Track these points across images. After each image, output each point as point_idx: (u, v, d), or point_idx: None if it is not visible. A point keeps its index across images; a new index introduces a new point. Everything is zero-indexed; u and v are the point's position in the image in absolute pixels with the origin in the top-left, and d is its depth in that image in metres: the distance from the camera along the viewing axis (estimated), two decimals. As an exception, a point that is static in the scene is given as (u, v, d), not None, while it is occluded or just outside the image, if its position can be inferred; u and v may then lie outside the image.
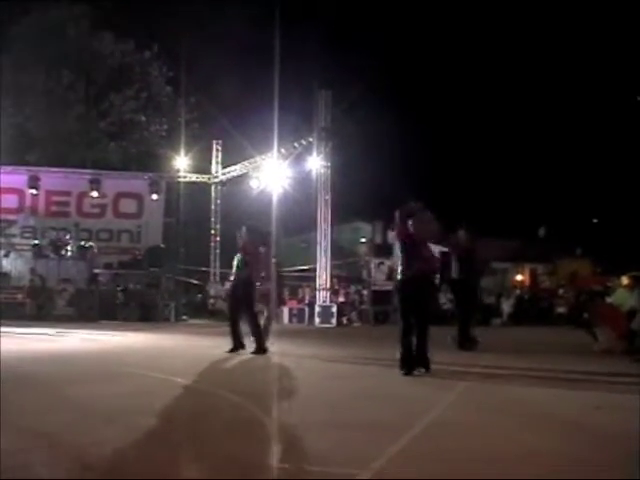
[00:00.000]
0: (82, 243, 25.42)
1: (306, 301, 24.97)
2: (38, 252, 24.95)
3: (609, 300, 15.21)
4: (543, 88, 38.30)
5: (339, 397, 7.02)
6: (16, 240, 26.43)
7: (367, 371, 8.52)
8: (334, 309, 23.18)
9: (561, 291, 28.60)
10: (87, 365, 9.70)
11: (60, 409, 6.11)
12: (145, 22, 30.93)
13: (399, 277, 8.70)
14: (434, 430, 5.33)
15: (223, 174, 28.21)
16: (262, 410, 5.87)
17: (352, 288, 25.82)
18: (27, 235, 26.58)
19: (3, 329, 14.47)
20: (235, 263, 11.63)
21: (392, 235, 9.55)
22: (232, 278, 11.76)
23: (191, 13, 32.58)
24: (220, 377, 8.68)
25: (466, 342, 12.26)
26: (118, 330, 17.78)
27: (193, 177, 28.79)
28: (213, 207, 28.71)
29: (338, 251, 25.74)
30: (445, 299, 23.98)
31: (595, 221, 45.13)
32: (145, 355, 11.42)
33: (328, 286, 23.63)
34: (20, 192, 26.72)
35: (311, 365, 10.09)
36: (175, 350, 12.88)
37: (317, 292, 23.80)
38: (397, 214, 8.83)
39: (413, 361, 8.41)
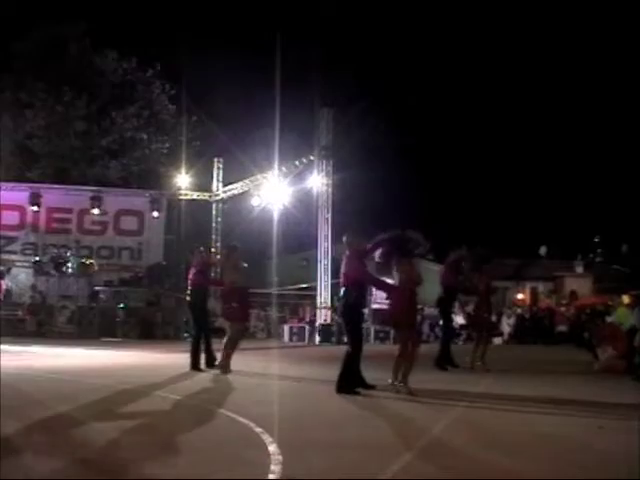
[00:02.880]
0: (83, 260, 25.37)
1: (306, 319, 24.92)
2: (39, 269, 24.93)
3: (610, 319, 15.22)
4: (543, 106, 38.47)
5: (336, 416, 7.02)
6: (17, 257, 26.45)
7: (364, 392, 8.51)
8: (335, 328, 23.11)
9: (562, 309, 28.61)
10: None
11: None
12: (148, 41, 31.12)
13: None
14: (433, 451, 5.32)
15: (224, 192, 28.22)
16: (261, 428, 5.86)
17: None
18: (28, 252, 26.57)
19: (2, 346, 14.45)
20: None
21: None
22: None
23: (194, 33, 32.84)
24: (216, 395, 8.66)
25: (443, 362, 12.29)
26: (115, 347, 17.75)
27: (194, 195, 28.80)
28: (214, 225, 28.70)
29: (339, 269, 25.71)
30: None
31: (596, 240, 45.17)
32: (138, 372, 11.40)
33: (329, 304, 23.57)
34: (21, 209, 26.74)
35: (309, 385, 10.06)
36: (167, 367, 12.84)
37: (318, 310, 23.76)
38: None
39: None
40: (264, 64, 27.80)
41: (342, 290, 8.99)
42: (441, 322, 14.64)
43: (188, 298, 11.83)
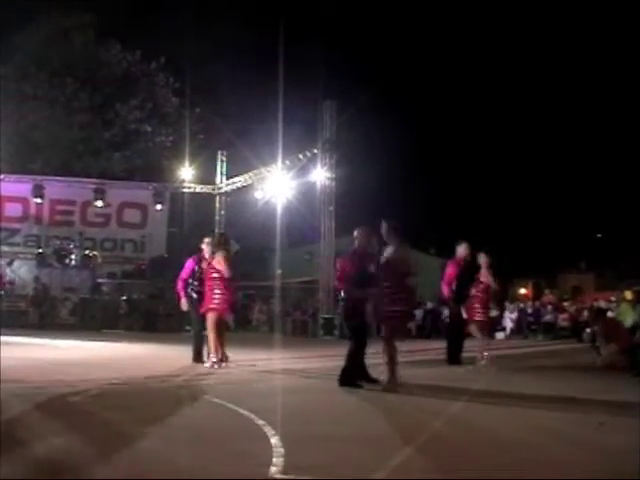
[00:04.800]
0: (86, 252, 25.44)
1: (309, 313, 24.90)
2: (42, 261, 24.99)
3: (612, 314, 15.22)
4: (546, 101, 38.40)
5: (339, 410, 7.04)
6: (20, 249, 26.51)
7: (367, 385, 8.52)
8: (337, 321, 23.06)
9: (565, 305, 28.60)
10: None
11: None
12: (152, 33, 31.07)
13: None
14: (432, 446, 5.32)
15: (227, 185, 28.21)
16: (263, 420, 5.88)
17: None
18: (31, 244, 26.65)
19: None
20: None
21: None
22: None
23: (197, 25, 32.78)
24: (218, 387, 8.67)
25: (454, 358, 12.19)
26: (118, 339, 17.77)
27: (197, 188, 28.81)
28: (217, 218, 28.67)
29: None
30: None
31: (599, 236, 45.16)
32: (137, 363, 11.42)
33: (332, 298, 23.50)
34: (24, 201, 26.79)
35: (310, 379, 10.07)
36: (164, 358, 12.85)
37: (320, 304, 23.71)
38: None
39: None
40: (268, 57, 27.77)
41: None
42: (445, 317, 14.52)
43: (191, 291, 11.68)
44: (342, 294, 9.03)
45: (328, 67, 28.69)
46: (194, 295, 11.50)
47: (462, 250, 12.75)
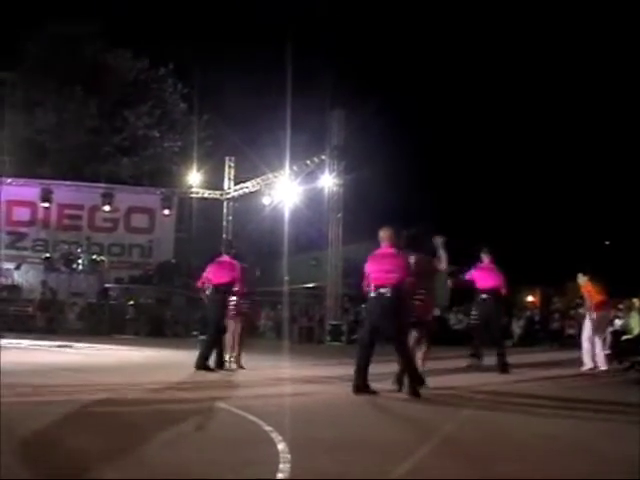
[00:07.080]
0: (93, 257, 25.49)
1: (316, 319, 24.88)
2: (49, 265, 25.02)
3: (619, 322, 15.19)
4: (554, 108, 38.32)
5: (346, 416, 7.02)
6: (28, 253, 26.56)
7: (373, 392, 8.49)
8: (344, 327, 23.05)
9: (572, 312, 28.50)
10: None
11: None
12: (160, 40, 31.14)
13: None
14: (442, 452, 5.29)
15: (235, 190, 28.24)
16: (270, 426, 5.86)
17: (363, 307, 25.67)
18: (39, 248, 26.69)
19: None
20: None
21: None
22: None
23: (206, 32, 32.86)
24: (226, 393, 8.66)
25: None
26: (125, 344, 17.77)
27: (205, 193, 28.85)
28: (225, 223, 28.71)
29: (349, 269, 25.61)
30: (455, 319, 23.99)
31: (607, 243, 44.98)
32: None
33: (339, 304, 23.50)
34: (32, 205, 26.84)
35: (317, 385, 10.03)
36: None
37: (327, 310, 23.69)
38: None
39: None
40: (276, 63, 27.78)
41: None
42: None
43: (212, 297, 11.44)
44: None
45: (336, 73, 28.69)
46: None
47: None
